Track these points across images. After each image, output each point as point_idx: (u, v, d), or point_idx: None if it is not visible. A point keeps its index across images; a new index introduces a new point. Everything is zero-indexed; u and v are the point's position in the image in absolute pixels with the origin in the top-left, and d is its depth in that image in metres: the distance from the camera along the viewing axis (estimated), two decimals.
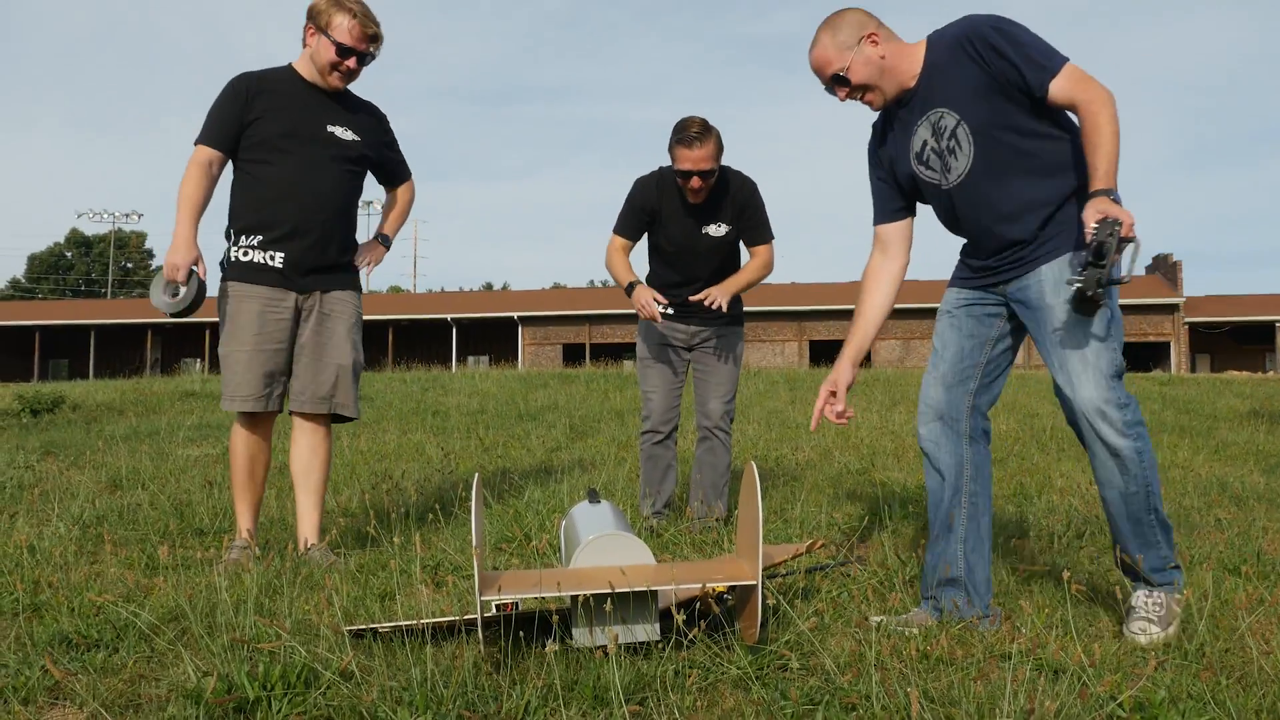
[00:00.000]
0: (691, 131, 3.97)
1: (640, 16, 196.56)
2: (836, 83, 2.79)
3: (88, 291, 76.29)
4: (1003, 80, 2.59)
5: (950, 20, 2.76)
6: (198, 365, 41.43)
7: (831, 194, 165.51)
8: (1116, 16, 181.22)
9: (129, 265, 78.23)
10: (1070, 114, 2.63)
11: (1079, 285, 2.45)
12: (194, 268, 3.55)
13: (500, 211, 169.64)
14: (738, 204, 4.22)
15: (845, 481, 5.55)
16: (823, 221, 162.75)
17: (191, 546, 3.88)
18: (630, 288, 4.21)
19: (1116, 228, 2.45)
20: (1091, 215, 2.46)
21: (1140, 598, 2.66)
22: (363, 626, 2.55)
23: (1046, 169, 2.67)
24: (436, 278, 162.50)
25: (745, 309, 4.48)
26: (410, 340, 43.29)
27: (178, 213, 3.56)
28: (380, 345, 41.75)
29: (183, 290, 3.56)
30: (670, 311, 4.19)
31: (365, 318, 39.75)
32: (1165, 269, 40.17)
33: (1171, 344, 38.29)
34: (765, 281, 4.50)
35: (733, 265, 4.32)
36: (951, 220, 2.86)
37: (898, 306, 2.93)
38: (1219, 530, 4.12)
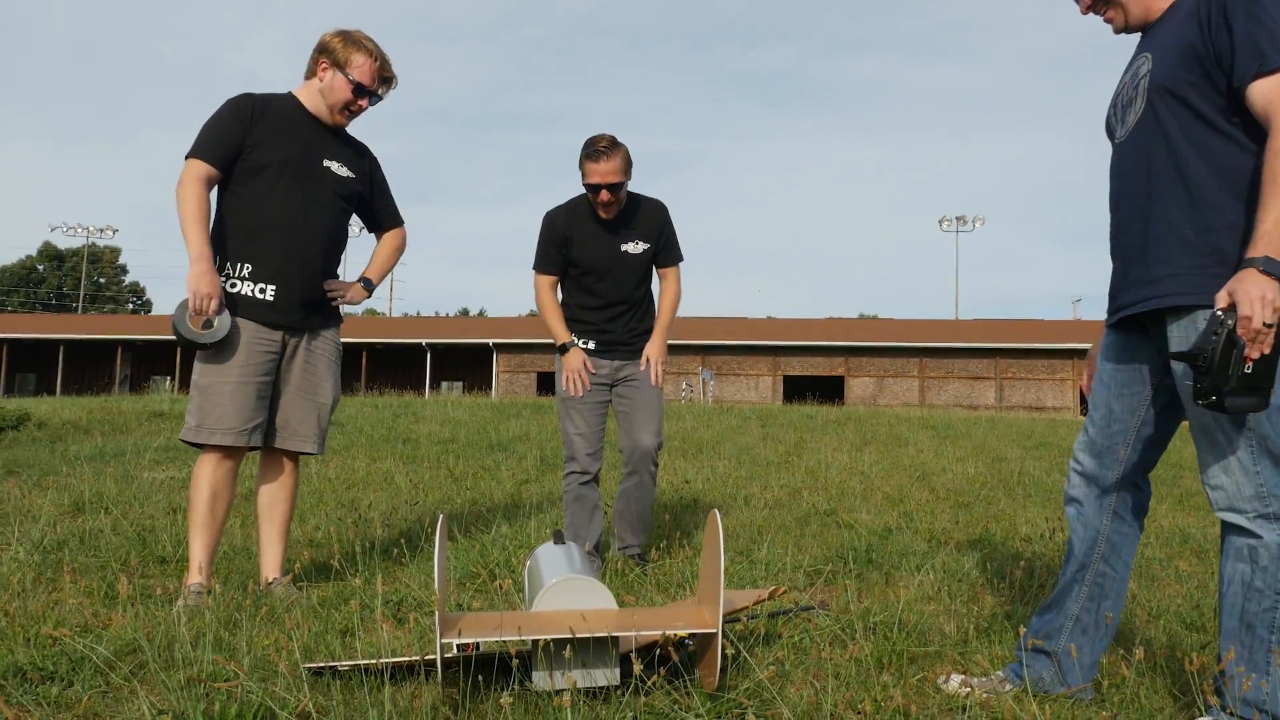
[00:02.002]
0: (599, 146, 4.10)
1: (629, 46, 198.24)
2: None
3: (58, 306, 75.60)
4: (1215, 52, 2.23)
5: None
6: (167, 383, 41.07)
7: (811, 231, 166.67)
8: (1101, 60, 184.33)
9: (101, 280, 77.68)
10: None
11: (1195, 388, 2.14)
12: (221, 298, 3.42)
13: (481, 237, 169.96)
14: (655, 223, 4.34)
15: (812, 523, 5.57)
16: (801, 257, 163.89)
17: (152, 575, 3.85)
18: (565, 348, 4.26)
19: (1226, 326, 2.08)
20: (1222, 299, 2.11)
21: None
22: (322, 664, 2.54)
23: (1212, 173, 2.27)
24: (413, 301, 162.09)
25: (719, 342, 4.53)
26: (384, 364, 43.12)
27: (189, 234, 3.38)
28: (354, 368, 41.54)
29: (216, 321, 3.41)
30: (589, 357, 4.25)
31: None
32: None
33: None
34: (741, 316, 4.56)
35: (647, 286, 4.39)
36: (1112, 190, 2.51)
37: (872, 345, 2.85)
38: (1179, 583, 4.16)
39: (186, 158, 3.47)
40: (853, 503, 6.42)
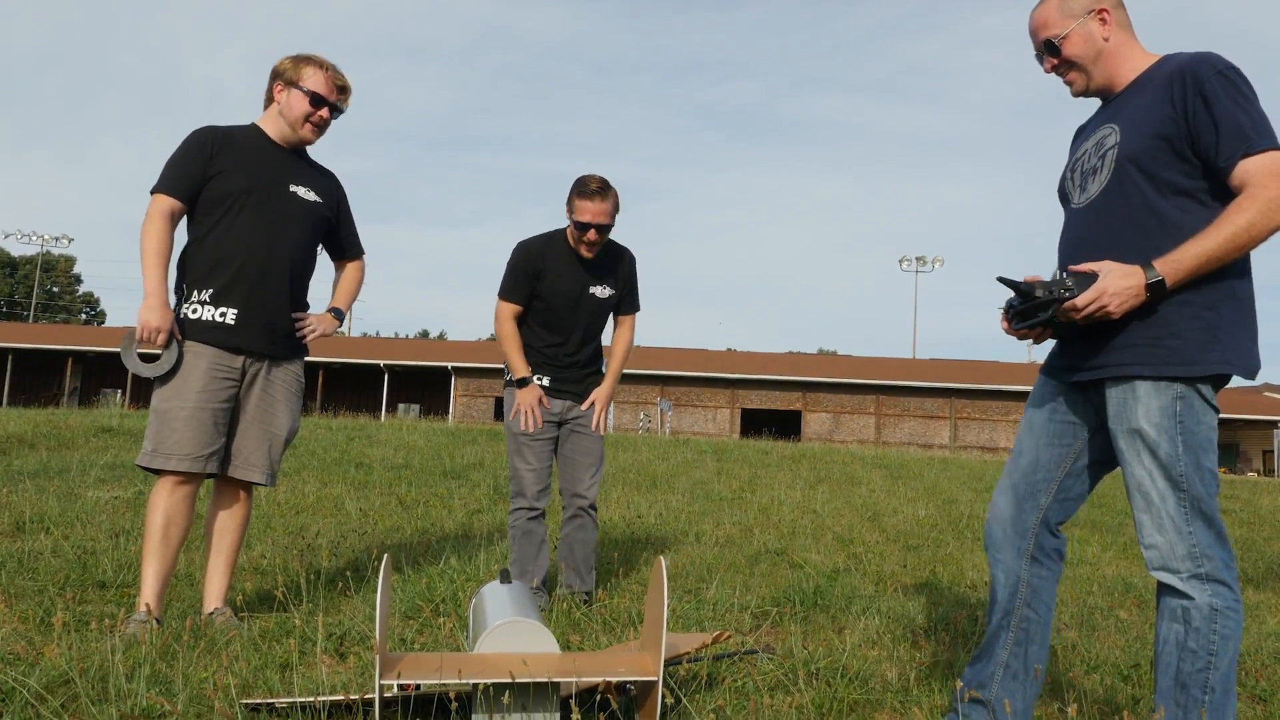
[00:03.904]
0: (593, 186, 4.16)
1: (600, 74, 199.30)
2: (1047, 50, 2.57)
3: (9, 314, 74.29)
4: (1192, 133, 2.30)
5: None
6: (118, 396, 40.45)
7: (773, 265, 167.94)
8: (1060, 109, 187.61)
9: (54, 289, 76.47)
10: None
11: (1017, 286, 2.34)
12: (174, 332, 3.43)
13: (443, 259, 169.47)
14: (624, 271, 4.43)
15: (762, 562, 5.59)
16: (763, 292, 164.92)
17: (91, 600, 3.79)
18: (523, 382, 4.27)
19: (1065, 294, 2.28)
20: (1092, 266, 2.29)
21: None
22: (259, 700, 2.52)
23: (1173, 244, 2.29)
24: (372, 322, 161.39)
25: (678, 373, 4.60)
26: (341, 384, 42.76)
27: (146, 268, 3.39)
28: (310, 388, 41.17)
29: (163, 355, 3.42)
30: (541, 404, 4.28)
31: None
32: None
33: None
34: (701, 348, 4.62)
35: (601, 329, 4.46)
36: (1064, 255, 2.54)
37: (829, 380, 2.84)
38: (1118, 632, 4.22)
39: (151, 193, 3.50)
40: (803, 542, 6.45)
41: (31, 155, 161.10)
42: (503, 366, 4.40)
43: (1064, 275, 2.32)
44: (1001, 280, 2.38)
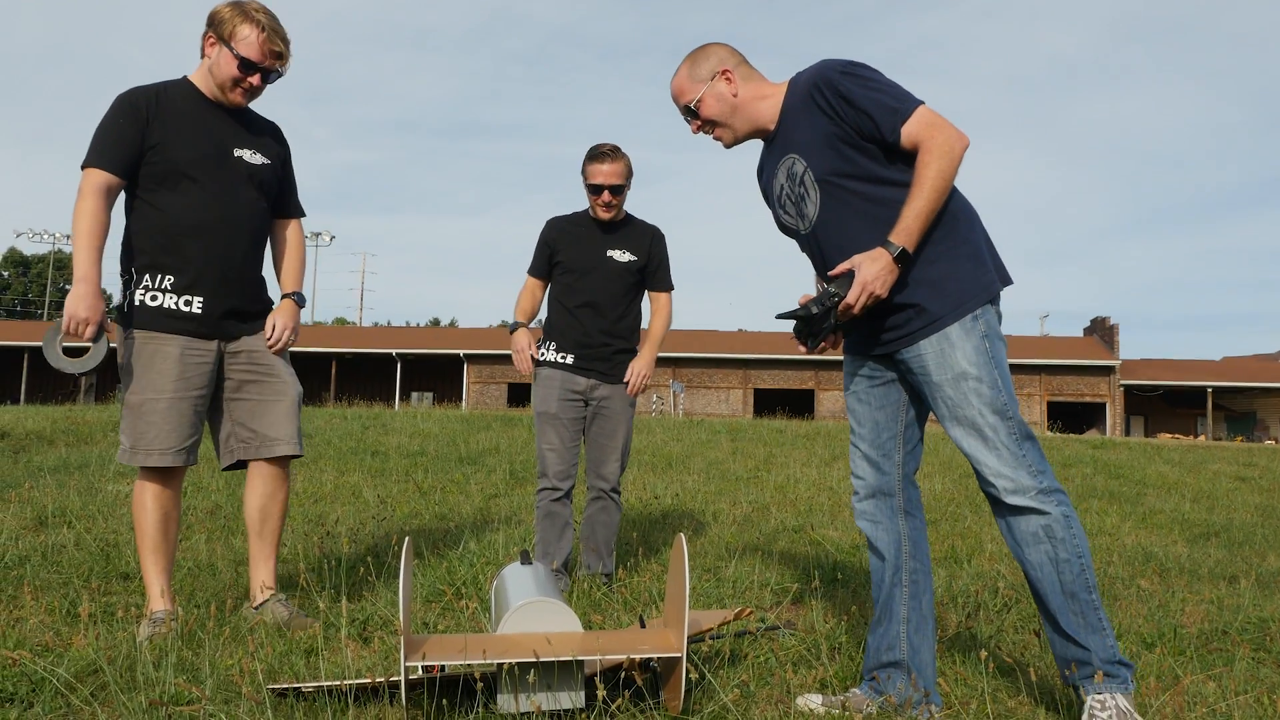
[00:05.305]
0: (604, 149, 4.25)
1: (604, 58, 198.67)
2: (688, 114, 2.81)
3: (23, 313, 74.66)
4: (855, 128, 2.55)
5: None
6: None
7: (781, 243, 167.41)
8: (1072, 85, 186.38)
9: (68, 287, 76.71)
10: None
11: (794, 329, 2.57)
12: (104, 323, 3.15)
13: (452, 247, 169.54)
14: (646, 241, 4.41)
15: (780, 540, 5.59)
16: (773, 270, 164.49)
17: (115, 592, 3.82)
18: (514, 327, 4.37)
19: (835, 300, 2.48)
20: (844, 266, 2.50)
21: (1095, 710, 2.40)
22: (286, 686, 2.53)
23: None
24: (383, 311, 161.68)
25: (690, 355, 4.59)
26: (354, 374, 42.89)
27: (78, 251, 3.10)
28: (323, 378, 41.29)
29: (91, 349, 3.17)
30: (552, 357, 4.30)
31: (309, 350, 39.55)
32: (1103, 331, 41.11)
33: (1107, 405, 39.08)
34: (712, 329, 4.61)
35: (631, 304, 4.40)
36: (818, 266, 2.78)
37: (842, 359, 2.90)
38: (1140, 602, 4.21)
39: (83, 168, 3.20)
40: (821, 519, 6.46)
41: (42, 154, 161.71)
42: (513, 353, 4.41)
43: (827, 286, 2.53)
44: (780, 316, 2.60)
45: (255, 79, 3.32)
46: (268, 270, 3.60)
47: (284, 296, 3.59)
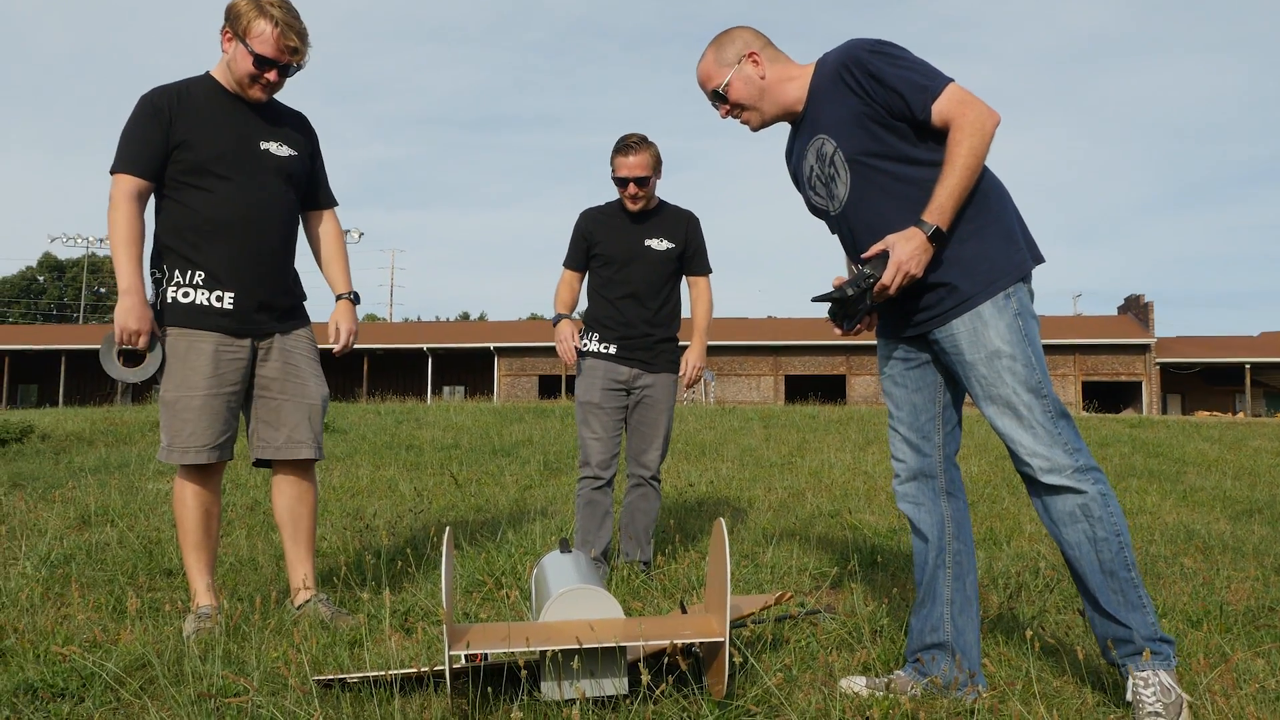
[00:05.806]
0: (630, 141, 4.24)
1: (629, 48, 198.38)
2: (716, 99, 2.80)
3: (59, 316, 75.68)
4: (885, 107, 2.53)
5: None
6: None
7: (810, 229, 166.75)
8: (1102, 60, 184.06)
9: (102, 290, 77.70)
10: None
11: (830, 311, 2.57)
12: (155, 331, 3.21)
13: (480, 240, 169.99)
14: (682, 227, 4.39)
15: (817, 525, 5.58)
16: (803, 257, 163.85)
17: (160, 588, 3.86)
18: (557, 319, 4.36)
19: (870, 281, 2.46)
20: (878, 247, 2.49)
21: (1139, 687, 2.38)
22: (331, 677, 2.55)
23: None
24: (413, 306, 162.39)
25: (721, 343, 4.57)
26: (385, 370, 43.15)
27: (119, 262, 3.15)
28: (355, 374, 41.59)
29: (147, 358, 3.21)
30: (595, 348, 4.30)
31: None
32: (1137, 309, 40.64)
33: (1143, 384, 38.65)
34: (742, 316, 4.59)
35: (670, 292, 4.39)
36: (848, 246, 2.77)
37: (873, 343, 2.91)
38: (1183, 580, 4.17)
39: (112, 173, 3.22)
40: (857, 504, 6.43)
41: (73, 159, 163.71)
42: (546, 345, 4.42)
43: (862, 267, 2.52)
44: (816, 299, 2.60)
45: (272, 75, 3.29)
46: (300, 264, 3.63)
47: (338, 298, 3.60)
